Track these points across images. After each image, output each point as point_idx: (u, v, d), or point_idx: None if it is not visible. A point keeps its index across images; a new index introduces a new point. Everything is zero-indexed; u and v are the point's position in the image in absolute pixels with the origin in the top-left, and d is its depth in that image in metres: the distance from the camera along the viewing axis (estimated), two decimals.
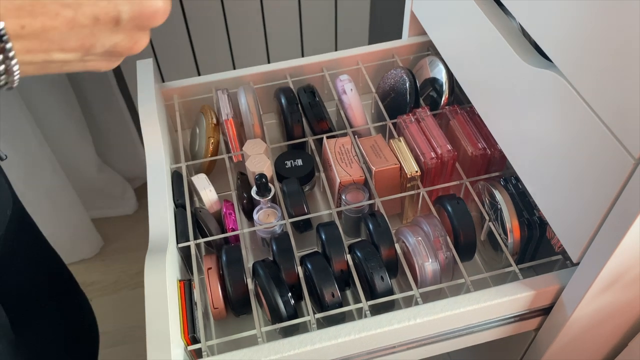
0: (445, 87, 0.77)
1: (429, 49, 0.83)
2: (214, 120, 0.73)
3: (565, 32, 0.46)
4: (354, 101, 0.74)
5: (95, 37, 0.31)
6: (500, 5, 0.57)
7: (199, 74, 1.29)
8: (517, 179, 0.64)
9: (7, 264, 0.66)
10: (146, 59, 0.74)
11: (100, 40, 0.31)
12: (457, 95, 0.79)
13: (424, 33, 0.82)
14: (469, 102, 0.68)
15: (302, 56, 1.30)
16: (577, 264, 0.51)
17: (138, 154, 1.52)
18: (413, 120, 0.71)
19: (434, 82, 0.79)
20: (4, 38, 0.28)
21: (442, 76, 0.78)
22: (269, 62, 1.27)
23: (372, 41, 1.35)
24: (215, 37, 1.23)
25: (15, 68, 0.29)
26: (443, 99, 0.78)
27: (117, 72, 1.27)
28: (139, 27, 0.32)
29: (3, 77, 0.30)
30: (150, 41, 1.10)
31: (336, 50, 1.32)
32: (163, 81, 0.80)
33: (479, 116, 0.66)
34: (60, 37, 0.30)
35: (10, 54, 0.29)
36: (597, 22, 0.42)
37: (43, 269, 0.76)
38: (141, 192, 1.61)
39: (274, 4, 1.20)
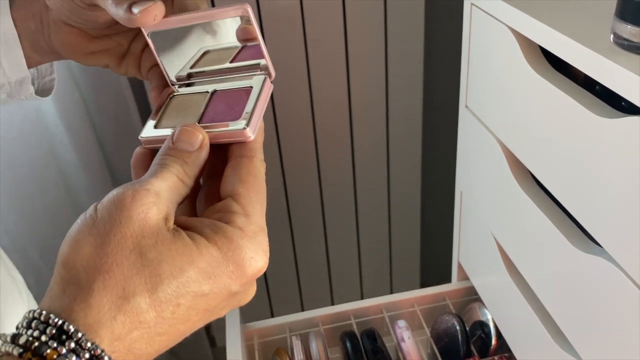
0: (493, 332, 0.86)
1: (477, 294, 0.94)
2: None
3: None
4: (411, 349, 0.84)
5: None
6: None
7: (271, 309, 1.43)
8: None
9: None
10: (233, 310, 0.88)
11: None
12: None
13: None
14: None
15: (361, 295, 1.45)
16: None
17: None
18: None
19: (482, 325, 0.88)
20: None
21: (489, 320, 0.87)
22: (331, 298, 1.42)
23: (424, 271, 1.50)
24: (288, 277, 1.41)
25: None
26: (492, 342, 0.86)
27: None
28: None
29: None
30: None
31: (391, 287, 1.48)
32: (244, 319, 0.93)
33: None
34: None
35: None
36: None
37: None
38: None
39: (338, 251, 1.40)
